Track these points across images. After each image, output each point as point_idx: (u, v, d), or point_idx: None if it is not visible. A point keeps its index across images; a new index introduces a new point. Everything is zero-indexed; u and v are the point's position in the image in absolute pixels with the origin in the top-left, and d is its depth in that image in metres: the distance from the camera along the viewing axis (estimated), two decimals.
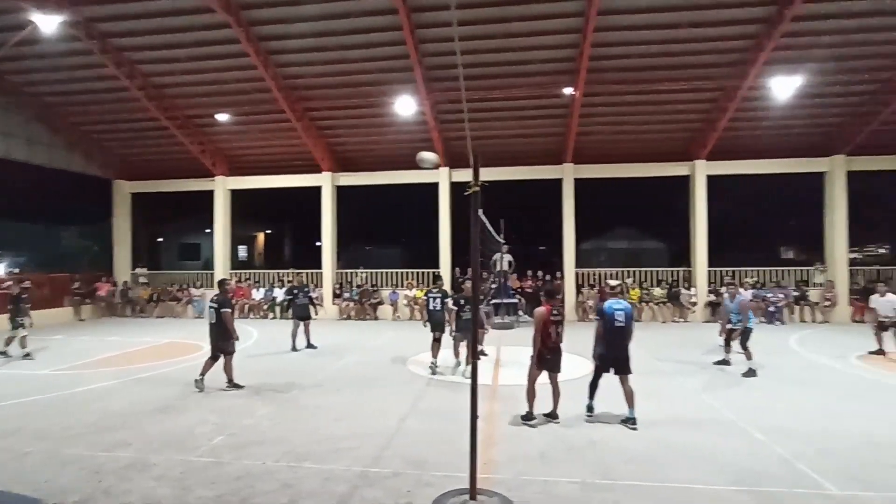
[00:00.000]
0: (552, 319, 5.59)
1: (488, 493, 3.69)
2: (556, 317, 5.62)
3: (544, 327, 5.57)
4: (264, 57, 12.46)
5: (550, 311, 5.60)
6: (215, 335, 7.36)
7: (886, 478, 4.31)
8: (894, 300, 9.36)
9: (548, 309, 5.61)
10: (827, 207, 14.99)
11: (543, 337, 5.59)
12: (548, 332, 5.57)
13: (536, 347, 5.64)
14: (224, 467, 4.56)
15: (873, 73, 12.36)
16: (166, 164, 17.36)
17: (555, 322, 5.60)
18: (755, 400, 6.71)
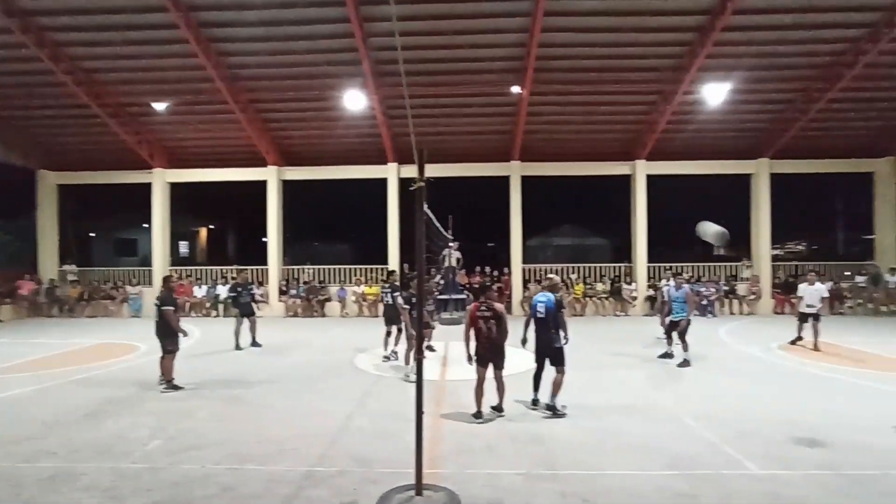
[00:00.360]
0: (478, 315, 5.76)
1: (434, 488, 3.73)
2: (483, 312, 5.75)
3: (472, 323, 5.81)
4: (205, 45, 11.93)
5: (477, 307, 5.82)
6: (158, 333, 7.11)
7: (802, 457, 4.67)
8: (822, 289, 9.75)
9: (475, 305, 5.87)
10: (753, 207, 16.02)
11: (475, 332, 5.79)
12: (477, 328, 5.76)
13: (465, 343, 5.94)
14: (159, 473, 4.37)
15: (793, 83, 13.30)
16: (98, 155, 16.31)
17: (482, 318, 5.74)
18: (688, 388, 7.10)
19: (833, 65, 12.43)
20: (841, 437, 5.13)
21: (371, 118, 14.12)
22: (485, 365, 5.77)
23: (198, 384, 7.36)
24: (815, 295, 9.63)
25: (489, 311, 5.74)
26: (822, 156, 15.63)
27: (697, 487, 4.06)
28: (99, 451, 4.88)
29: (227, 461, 4.60)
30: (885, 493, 3.98)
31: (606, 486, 4.10)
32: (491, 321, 5.72)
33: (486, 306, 5.78)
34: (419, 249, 3.75)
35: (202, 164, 16.51)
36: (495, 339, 5.73)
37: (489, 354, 5.76)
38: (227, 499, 3.91)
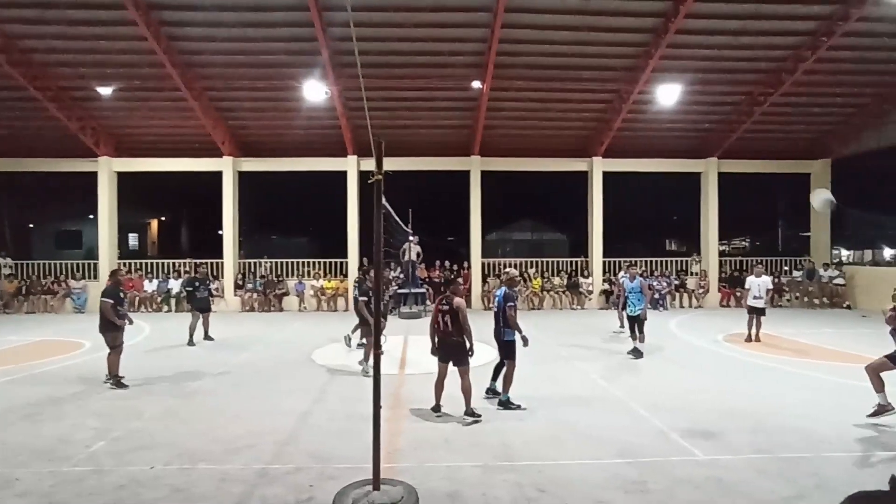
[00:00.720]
0: (439, 308, 5.72)
1: (392, 482, 3.73)
2: (442, 306, 5.71)
3: (433, 317, 5.80)
4: (155, 28, 11.37)
5: (440, 300, 5.78)
6: (99, 328, 6.90)
7: (744, 442, 4.93)
8: (767, 281, 10.09)
9: (438, 299, 5.86)
10: (702, 204, 16.70)
11: (432, 326, 5.78)
12: (436, 321, 5.73)
13: (431, 339, 5.85)
14: (105, 476, 4.19)
15: (739, 87, 13.91)
16: (37, 141, 15.34)
17: (441, 311, 5.68)
18: (640, 380, 7.36)
19: (776, 70, 13.06)
20: (778, 423, 5.44)
21: (330, 110, 13.88)
22: (444, 361, 5.74)
23: (147, 382, 7.09)
24: (762, 287, 9.94)
25: (447, 304, 5.67)
26: (765, 157, 16.46)
27: (647, 475, 4.22)
28: (37, 454, 4.64)
29: (178, 461, 4.46)
30: (812, 473, 4.25)
31: (562, 476, 4.21)
32: (447, 315, 5.62)
33: (445, 300, 5.72)
34: (377, 243, 3.73)
35: (153, 153, 15.82)
36: (450, 333, 5.63)
37: (444, 349, 5.71)
38: (177, 500, 3.79)
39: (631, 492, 3.94)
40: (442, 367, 5.74)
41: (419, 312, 13.88)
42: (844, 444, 4.89)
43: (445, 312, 5.65)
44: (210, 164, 15.78)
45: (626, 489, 3.98)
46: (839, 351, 9.23)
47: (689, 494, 3.90)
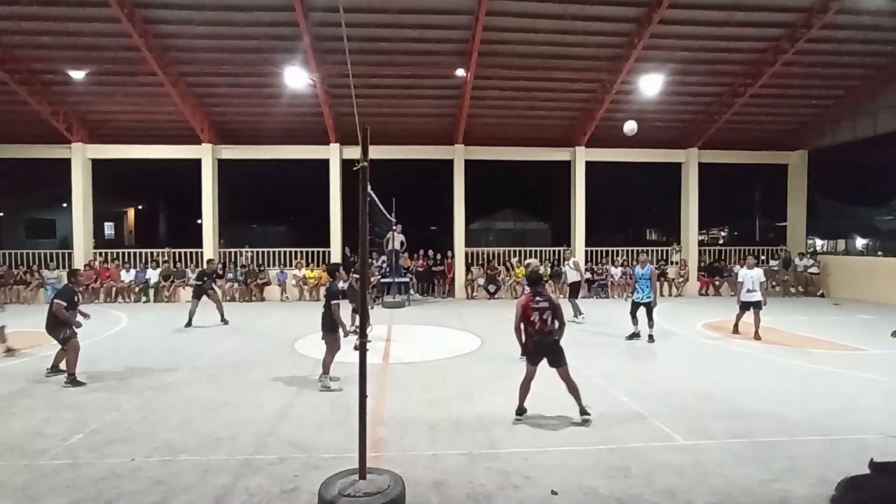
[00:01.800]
0: (533, 306, 5.20)
1: (378, 472, 3.73)
2: (538, 303, 5.21)
3: (524, 314, 5.23)
4: (130, 9, 11.00)
5: (531, 298, 5.25)
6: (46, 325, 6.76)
7: (721, 427, 5.04)
8: (760, 274, 9.43)
9: (528, 295, 5.32)
10: (683, 195, 16.91)
11: (526, 325, 5.25)
12: (530, 320, 5.22)
13: (519, 339, 5.34)
14: (82, 469, 4.10)
15: (720, 77, 14.06)
16: (6, 127, 14.78)
17: (538, 309, 5.19)
18: (619, 367, 7.46)
19: (756, 62, 13.22)
20: (753, 409, 5.58)
21: (312, 97, 13.65)
22: (537, 362, 5.26)
23: (123, 374, 6.96)
24: (755, 279, 9.34)
25: (544, 300, 5.21)
26: (744, 147, 16.73)
27: (629, 460, 4.29)
28: (10, 448, 4.52)
29: (158, 454, 4.39)
30: (786, 456, 4.37)
31: (546, 462, 4.26)
32: (546, 312, 5.19)
33: (539, 295, 5.25)
34: (363, 231, 3.68)
35: (129, 139, 15.42)
36: (551, 331, 5.23)
37: (543, 350, 5.23)
38: (159, 493, 3.74)
39: (614, 477, 4.00)
40: (533, 368, 5.25)
41: (402, 302, 13.86)
42: (816, 429, 5.03)
43: (544, 309, 5.19)
44: (188, 152, 15.44)
45: (608, 475, 4.04)
46: (811, 338, 9.47)
47: (670, 479, 3.98)
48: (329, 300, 6.34)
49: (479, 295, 15.71)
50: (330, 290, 6.50)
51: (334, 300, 6.30)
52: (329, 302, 6.32)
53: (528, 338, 5.26)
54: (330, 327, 6.32)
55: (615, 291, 15.96)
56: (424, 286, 16.00)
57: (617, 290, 15.96)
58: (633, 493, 3.78)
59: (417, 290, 15.67)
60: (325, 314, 6.36)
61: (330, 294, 6.41)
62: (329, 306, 6.28)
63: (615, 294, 15.88)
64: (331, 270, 6.99)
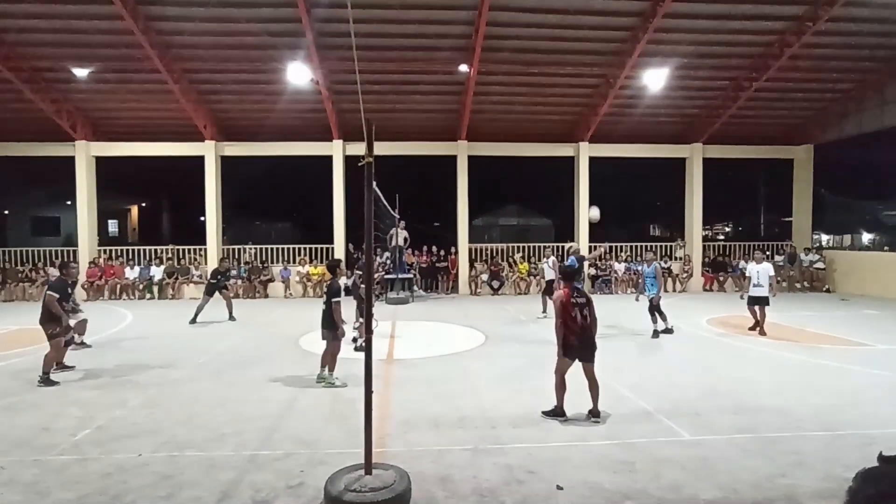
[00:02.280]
0: (574, 302, 5.12)
1: (384, 467, 3.73)
2: (578, 298, 5.14)
3: (565, 311, 5.10)
4: (132, 7, 11.00)
5: (569, 293, 5.17)
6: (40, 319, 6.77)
7: (727, 422, 5.03)
8: (769, 268, 9.29)
9: (566, 291, 5.20)
10: (687, 190, 16.85)
11: (568, 322, 5.09)
12: (572, 317, 5.09)
13: (560, 336, 5.14)
14: (90, 464, 4.13)
15: (725, 72, 13.97)
16: (11, 125, 14.84)
17: (578, 305, 5.11)
18: (623, 362, 7.43)
19: (761, 55, 13.13)
20: (757, 403, 5.56)
21: (315, 93, 13.63)
22: (574, 358, 5.14)
23: (129, 370, 6.99)
24: (763, 274, 9.18)
25: (583, 297, 5.18)
26: (749, 142, 16.63)
27: (634, 455, 4.28)
28: (19, 444, 4.55)
29: (164, 449, 4.41)
30: (792, 451, 4.36)
31: (550, 457, 4.26)
32: (585, 308, 5.14)
33: (577, 292, 5.21)
34: (368, 226, 3.67)
35: (132, 137, 15.47)
36: (590, 327, 5.19)
37: (585, 346, 5.15)
38: (165, 487, 3.75)
39: (619, 472, 4.00)
40: (569, 364, 5.14)
41: (406, 298, 13.87)
42: (821, 423, 5.01)
43: (584, 305, 5.14)
44: (192, 149, 15.46)
45: (614, 469, 4.04)
46: (816, 333, 9.43)
47: (676, 474, 3.97)
48: (329, 298, 6.21)
49: (482, 291, 15.71)
50: (331, 287, 6.31)
51: (335, 298, 6.14)
52: (330, 300, 6.21)
53: (573, 335, 5.09)
54: (330, 325, 6.20)
55: (619, 287, 15.93)
56: (428, 282, 16.01)
57: (621, 286, 15.93)
58: (639, 487, 3.77)
59: (421, 286, 15.68)
60: (326, 312, 6.26)
61: (330, 292, 6.24)
62: (330, 304, 6.19)
63: (619, 290, 15.85)
64: (331, 267, 6.71)
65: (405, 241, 14.83)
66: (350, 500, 3.35)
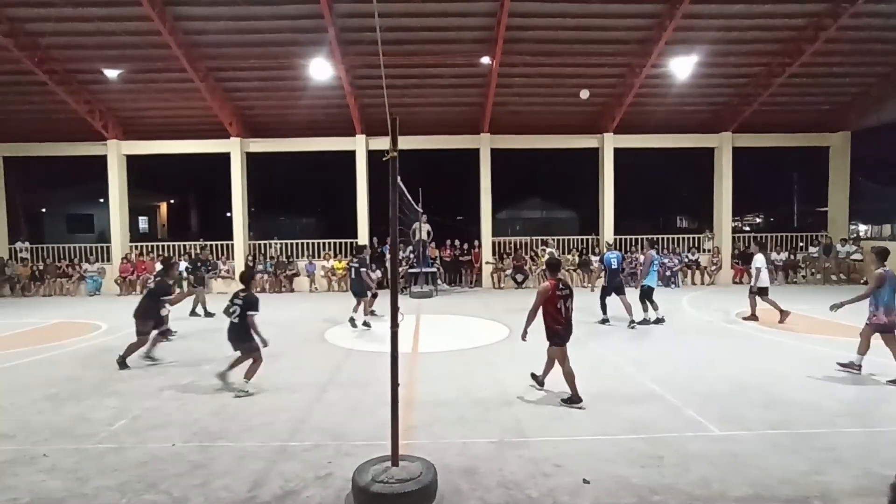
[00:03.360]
0: (559, 294, 5.31)
1: (410, 459, 3.76)
2: (562, 291, 5.34)
3: (551, 303, 5.31)
4: (160, 8, 11.25)
5: (556, 286, 5.33)
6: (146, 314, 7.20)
7: (757, 417, 4.92)
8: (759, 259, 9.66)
9: (552, 284, 5.35)
10: (715, 180, 16.44)
11: (554, 312, 5.32)
12: (557, 308, 5.30)
13: (530, 321, 5.45)
14: (126, 453, 4.28)
15: (756, 58, 13.53)
16: (47, 125, 15.38)
17: (562, 297, 5.32)
18: (650, 356, 7.33)
19: (794, 39, 12.68)
20: (789, 398, 5.42)
21: (338, 88, 13.72)
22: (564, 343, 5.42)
23: (161, 362, 7.19)
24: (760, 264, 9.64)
25: (567, 289, 5.39)
26: (782, 130, 16.11)
27: (662, 449, 4.22)
28: (60, 432, 4.74)
29: (196, 439, 4.54)
30: (826, 447, 4.24)
31: (576, 451, 4.23)
32: (569, 300, 5.38)
33: (563, 284, 5.40)
34: (393, 221, 3.68)
35: (161, 135, 15.83)
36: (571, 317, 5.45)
37: (567, 334, 5.43)
38: (198, 476, 3.86)
39: (647, 466, 3.95)
40: (562, 352, 5.40)
41: (430, 292, 13.91)
42: (856, 419, 4.87)
43: (567, 297, 5.36)
44: (218, 146, 15.75)
45: (641, 464, 3.99)
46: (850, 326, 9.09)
47: (705, 469, 3.90)
48: (245, 311, 5.84)
49: (506, 285, 15.65)
50: (248, 300, 5.90)
51: (251, 311, 5.85)
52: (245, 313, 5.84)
53: (559, 325, 5.34)
54: (246, 338, 5.85)
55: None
56: (451, 276, 16.02)
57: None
58: (667, 482, 3.72)
59: (444, 279, 15.70)
60: (239, 326, 5.85)
61: (247, 304, 5.86)
62: (244, 317, 5.83)
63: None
64: (246, 278, 6.40)
65: (428, 234, 14.86)
66: (377, 490, 3.39)
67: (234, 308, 5.83)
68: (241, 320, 5.81)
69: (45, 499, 3.59)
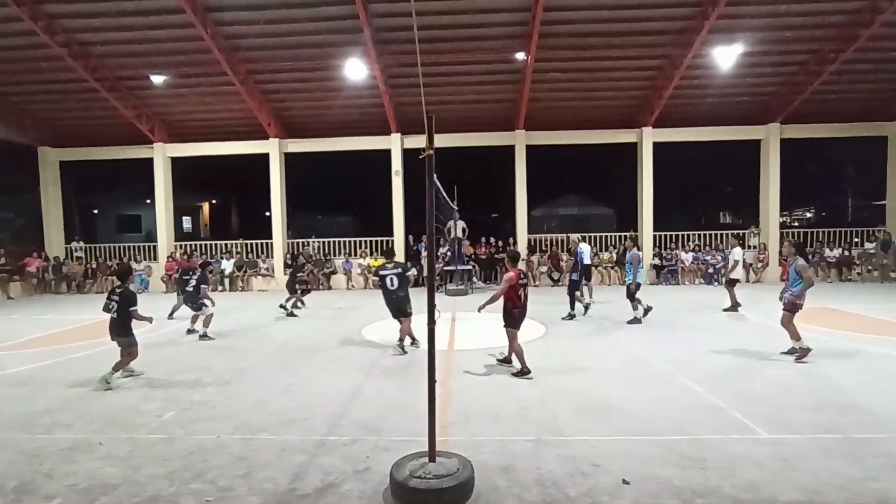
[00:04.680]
0: (521, 283, 6.20)
1: (447, 455, 3.77)
2: (522, 280, 6.25)
3: (513, 289, 6.15)
4: (202, 14, 11.64)
5: (518, 275, 6.20)
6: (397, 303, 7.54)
7: (807, 420, 4.70)
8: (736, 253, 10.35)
9: (516, 273, 6.19)
10: (762, 173, 15.80)
11: (514, 299, 6.17)
12: (517, 294, 6.17)
13: (493, 301, 6.33)
14: (175, 444, 4.45)
15: (806, 44, 12.92)
16: (98, 130, 16.19)
17: (522, 285, 6.23)
18: (690, 354, 7.11)
19: (848, 24, 12.04)
20: (843, 402, 5.16)
21: (373, 88, 13.88)
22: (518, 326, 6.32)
23: (205, 358, 7.45)
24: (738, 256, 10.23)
25: (526, 279, 6.40)
26: (835, 119, 15.34)
27: (705, 451, 4.09)
28: (113, 422, 4.97)
29: (240, 431, 4.68)
30: (883, 453, 4.02)
31: (615, 451, 4.15)
32: (527, 288, 6.39)
33: (523, 275, 6.36)
34: (430, 218, 3.69)
35: (203, 137, 16.39)
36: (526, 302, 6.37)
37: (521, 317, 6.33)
38: (242, 467, 3.98)
39: (689, 468, 3.84)
40: (515, 332, 6.28)
41: (466, 289, 13.91)
42: None
43: (525, 285, 6.32)
44: (257, 147, 16.18)
45: (683, 465, 3.88)
46: None
47: (752, 472, 3.76)
48: (126, 307, 6.23)
49: (541, 282, 15.50)
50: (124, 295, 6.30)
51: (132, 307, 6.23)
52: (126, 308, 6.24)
53: (517, 309, 6.22)
54: (125, 332, 6.24)
55: (686, 277, 15.25)
56: (487, 273, 15.98)
57: (688, 276, 15.25)
58: (711, 485, 3.60)
59: (480, 277, 15.67)
60: (119, 321, 6.24)
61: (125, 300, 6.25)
62: (126, 313, 6.23)
63: (685, 280, 15.18)
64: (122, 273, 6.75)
65: (463, 231, 14.85)
66: (415, 486, 3.41)
67: (111, 304, 6.19)
68: (120, 316, 6.19)
69: (101, 485, 3.77)
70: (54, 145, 16.69)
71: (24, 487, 3.75)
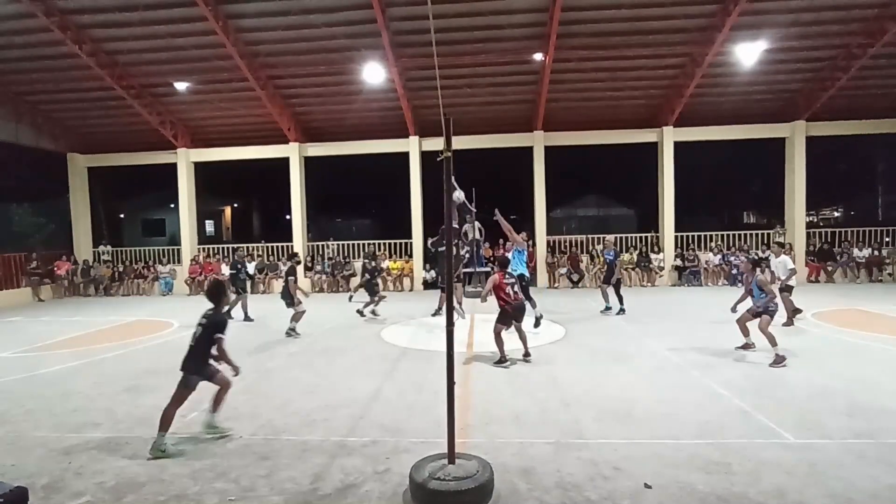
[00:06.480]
0: (507, 282, 6.91)
1: (466, 457, 3.77)
2: (508, 279, 6.97)
3: (501, 289, 6.86)
4: (224, 21, 11.86)
5: (503, 276, 6.97)
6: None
7: (838, 425, 4.58)
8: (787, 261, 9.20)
9: (500, 274, 6.98)
10: (787, 172, 15.44)
11: (504, 297, 6.83)
12: (506, 293, 6.84)
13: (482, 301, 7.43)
14: (199, 443, 4.53)
15: (832, 39, 12.59)
16: (124, 137, 16.60)
17: (509, 284, 6.92)
18: (714, 356, 6.98)
19: (877, 17, 11.72)
20: (876, 406, 5.01)
21: (391, 91, 13.96)
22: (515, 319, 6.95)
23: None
24: (781, 267, 9.14)
25: (512, 277, 7.07)
26: (863, 116, 14.91)
27: (730, 456, 4.01)
28: (140, 421, 5.08)
29: (262, 432, 4.74)
30: None
31: (637, 454, 4.09)
32: (517, 285, 7.01)
33: (508, 274, 7.04)
34: (448, 221, 3.71)
35: (225, 142, 16.66)
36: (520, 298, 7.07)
37: (516, 313, 6.96)
38: (264, 467, 4.03)
39: (713, 473, 3.77)
40: (501, 328, 6.87)
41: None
42: None
43: (513, 284, 6.97)
44: (277, 151, 16.38)
45: (707, 470, 3.81)
46: None
47: (779, 478, 3.67)
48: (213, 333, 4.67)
49: (561, 284, 15.38)
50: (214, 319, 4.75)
51: (218, 334, 4.66)
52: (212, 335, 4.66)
53: (508, 306, 6.81)
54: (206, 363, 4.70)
55: (709, 278, 14.98)
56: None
57: (711, 277, 14.98)
58: (737, 491, 3.53)
59: None
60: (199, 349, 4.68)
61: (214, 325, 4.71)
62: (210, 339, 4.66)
63: (709, 281, 14.92)
64: (216, 294, 5.00)
65: (481, 233, 14.80)
66: (434, 487, 3.41)
67: (196, 329, 4.68)
68: (205, 342, 4.65)
69: (128, 483, 3.86)
70: (83, 152, 17.16)
71: (54, 485, 3.86)
